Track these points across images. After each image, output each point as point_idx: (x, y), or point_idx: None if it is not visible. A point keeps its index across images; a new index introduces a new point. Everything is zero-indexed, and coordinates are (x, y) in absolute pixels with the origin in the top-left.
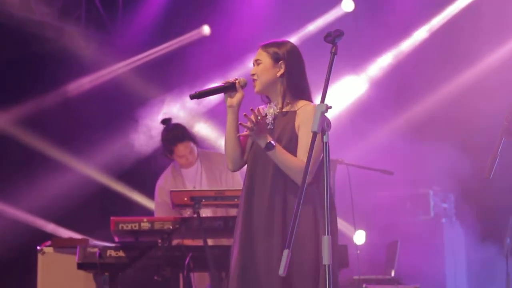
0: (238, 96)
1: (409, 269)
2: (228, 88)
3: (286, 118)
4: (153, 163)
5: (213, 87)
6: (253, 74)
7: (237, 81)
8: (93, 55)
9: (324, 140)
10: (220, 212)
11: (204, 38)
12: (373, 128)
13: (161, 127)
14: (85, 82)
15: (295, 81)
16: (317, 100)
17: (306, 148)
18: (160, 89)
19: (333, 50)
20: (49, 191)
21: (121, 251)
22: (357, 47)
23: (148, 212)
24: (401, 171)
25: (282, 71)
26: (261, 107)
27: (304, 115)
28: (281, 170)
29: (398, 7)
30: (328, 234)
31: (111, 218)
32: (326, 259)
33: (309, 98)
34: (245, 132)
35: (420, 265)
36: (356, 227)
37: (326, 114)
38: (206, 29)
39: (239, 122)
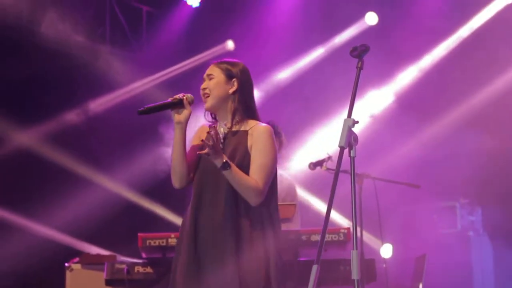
0: (185, 112)
1: (436, 283)
2: (176, 105)
3: (237, 138)
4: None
5: (161, 103)
6: (204, 89)
7: (184, 97)
8: (118, 71)
9: (351, 155)
10: None
11: (228, 53)
12: (399, 141)
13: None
14: (110, 98)
15: (246, 100)
16: (343, 114)
17: (259, 168)
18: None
19: (359, 65)
20: (77, 208)
21: (149, 267)
22: (382, 59)
23: (175, 228)
24: (427, 184)
25: (234, 88)
26: (205, 125)
27: (256, 135)
28: (232, 190)
29: (422, 19)
30: (356, 249)
31: (139, 234)
32: (355, 273)
33: (257, 119)
34: (204, 151)
35: (447, 279)
36: (383, 240)
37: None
38: (230, 44)
39: (202, 140)
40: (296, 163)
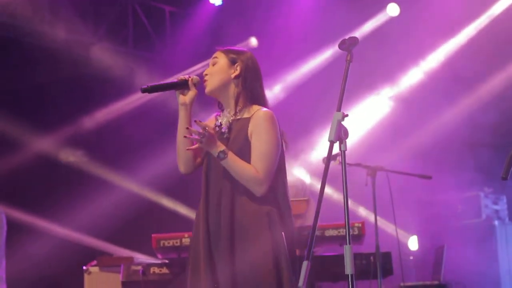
0: (191, 94)
1: (462, 273)
2: (181, 85)
3: (239, 125)
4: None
5: (166, 82)
6: (206, 75)
7: (190, 79)
8: (140, 74)
9: (342, 149)
10: None
11: (252, 50)
12: (420, 131)
13: None
14: (133, 100)
15: (250, 85)
16: (354, 108)
17: (260, 156)
18: (207, 104)
19: (348, 58)
20: (97, 209)
21: (164, 267)
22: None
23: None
24: (450, 174)
25: (237, 72)
26: (212, 116)
27: (256, 121)
28: (232, 180)
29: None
30: (349, 244)
31: (152, 235)
32: (348, 268)
33: (264, 104)
34: (195, 145)
35: (473, 269)
36: (408, 232)
37: (343, 123)
38: (253, 41)
39: (184, 136)
40: (311, 158)
